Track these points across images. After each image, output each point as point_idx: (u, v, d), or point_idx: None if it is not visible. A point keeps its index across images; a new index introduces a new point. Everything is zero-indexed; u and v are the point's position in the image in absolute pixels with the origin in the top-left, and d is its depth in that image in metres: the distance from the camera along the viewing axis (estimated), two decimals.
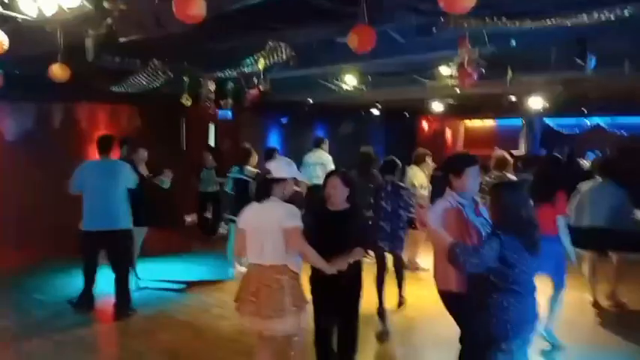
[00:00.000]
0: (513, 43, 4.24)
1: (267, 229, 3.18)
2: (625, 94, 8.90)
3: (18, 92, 6.95)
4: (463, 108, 13.29)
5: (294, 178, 3.48)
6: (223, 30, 4.88)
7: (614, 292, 5.77)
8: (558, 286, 4.51)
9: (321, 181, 7.73)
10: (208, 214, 9.10)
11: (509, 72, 5.27)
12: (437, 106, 11.13)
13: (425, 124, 17.92)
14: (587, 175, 6.37)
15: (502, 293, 2.63)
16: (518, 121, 17.25)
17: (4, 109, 7.59)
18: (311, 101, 9.40)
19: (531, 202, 2.93)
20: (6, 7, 3.54)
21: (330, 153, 8.48)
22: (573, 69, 4.76)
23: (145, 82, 6.73)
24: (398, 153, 10.78)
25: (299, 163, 8.78)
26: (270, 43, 5.26)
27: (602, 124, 16.11)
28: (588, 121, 16.25)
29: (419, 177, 6.81)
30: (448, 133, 19.61)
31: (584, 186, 5.82)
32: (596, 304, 5.69)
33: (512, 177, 6.23)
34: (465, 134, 20.35)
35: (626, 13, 3.65)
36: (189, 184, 8.88)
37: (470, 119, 19.09)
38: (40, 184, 7.48)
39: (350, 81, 7.03)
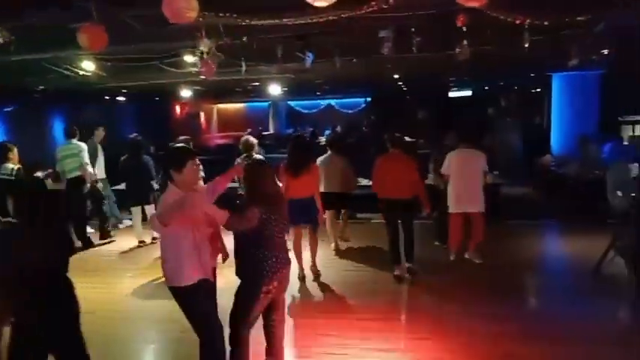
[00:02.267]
0: (244, 38, 4.66)
1: None
2: (346, 79, 10.49)
3: None
4: (213, 92, 13.65)
5: None
6: None
7: (340, 237, 7.32)
8: (315, 231, 5.91)
9: (79, 172, 7.40)
10: None
11: (243, 64, 5.75)
12: (185, 92, 11.21)
13: (178, 109, 17.77)
14: (325, 149, 7.45)
15: (257, 249, 3.31)
16: (265, 104, 18.66)
17: None
18: (42, 87, 8.38)
19: (275, 177, 3.59)
20: None
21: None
22: (297, 61, 5.50)
23: None
24: (151, 138, 10.59)
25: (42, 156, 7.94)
26: None
27: (333, 104, 18.74)
28: (322, 103, 18.72)
29: None
30: (202, 117, 19.89)
31: (320, 158, 6.87)
32: (336, 248, 7.18)
33: (259, 156, 6.88)
34: (218, 117, 20.97)
35: (333, 17, 4.40)
36: None
37: (222, 103, 19.74)
38: None
39: (87, 67, 6.56)
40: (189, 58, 5.94)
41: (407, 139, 9.61)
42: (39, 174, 6.79)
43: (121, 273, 6.58)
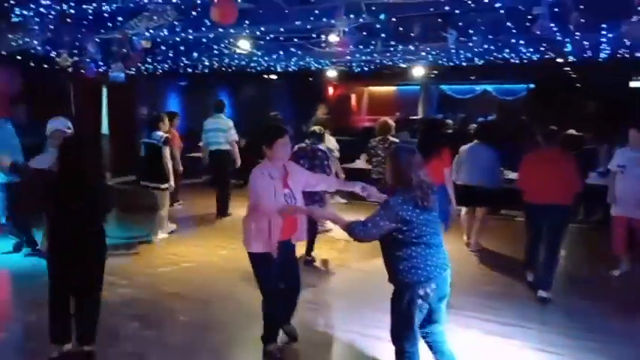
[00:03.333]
0: (382, 16, 4.53)
1: None
2: (502, 63, 9.65)
3: None
4: (364, 74, 13.70)
5: None
6: None
7: (476, 240, 6.61)
8: (444, 228, 5.10)
9: (222, 147, 8.02)
10: None
11: (379, 42, 5.59)
12: (332, 73, 11.39)
13: (330, 90, 18.24)
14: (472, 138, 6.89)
15: (408, 246, 2.92)
16: (416, 88, 18.20)
17: None
18: (207, 63, 9.23)
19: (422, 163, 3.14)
20: None
21: (233, 117, 8.53)
22: (438, 41, 5.19)
23: (20, 42, 6.31)
24: (304, 118, 11.14)
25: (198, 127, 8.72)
26: (153, 4, 5.16)
27: (489, 89, 17.52)
28: (477, 88, 17.61)
29: (332, 141, 7.15)
30: (353, 99, 20.20)
31: (463, 147, 6.40)
32: (468, 244, 6.66)
33: (394, 139, 6.75)
34: (368, 99, 21.10)
35: None
36: None
37: (373, 85, 19.80)
38: None
39: (243, 45, 7.04)
40: (333, 38, 5.99)
41: (572, 132, 8.59)
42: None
43: None
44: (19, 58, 7.57)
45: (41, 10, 4.91)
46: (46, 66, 8.07)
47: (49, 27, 5.45)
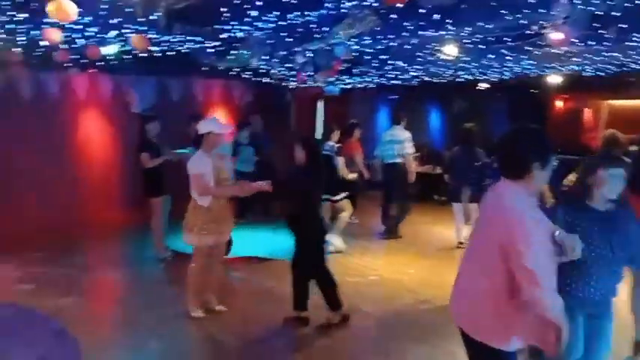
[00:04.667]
0: None
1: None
2: None
3: (140, 66, 7.45)
4: (595, 83, 11.67)
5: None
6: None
7: None
8: None
9: (396, 160, 7.57)
10: None
11: (613, 30, 4.38)
12: (556, 80, 9.88)
13: (559, 103, 16.19)
14: None
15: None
16: None
17: (129, 82, 8.29)
18: (413, 73, 8.92)
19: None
20: None
21: (443, 131, 8.12)
22: None
23: (245, 57, 7.01)
24: None
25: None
26: (354, 11, 5.11)
27: None
28: None
29: None
30: (587, 114, 17.52)
31: None
32: None
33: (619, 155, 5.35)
34: (608, 115, 18.05)
35: None
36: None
37: (615, 99, 16.85)
38: None
39: (449, 51, 6.53)
40: (554, 36, 5.07)
41: None
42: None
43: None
44: (248, 74, 8.49)
45: (255, 23, 5.28)
46: (269, 80, 8.89)
47: (263, 41, 5.90)
